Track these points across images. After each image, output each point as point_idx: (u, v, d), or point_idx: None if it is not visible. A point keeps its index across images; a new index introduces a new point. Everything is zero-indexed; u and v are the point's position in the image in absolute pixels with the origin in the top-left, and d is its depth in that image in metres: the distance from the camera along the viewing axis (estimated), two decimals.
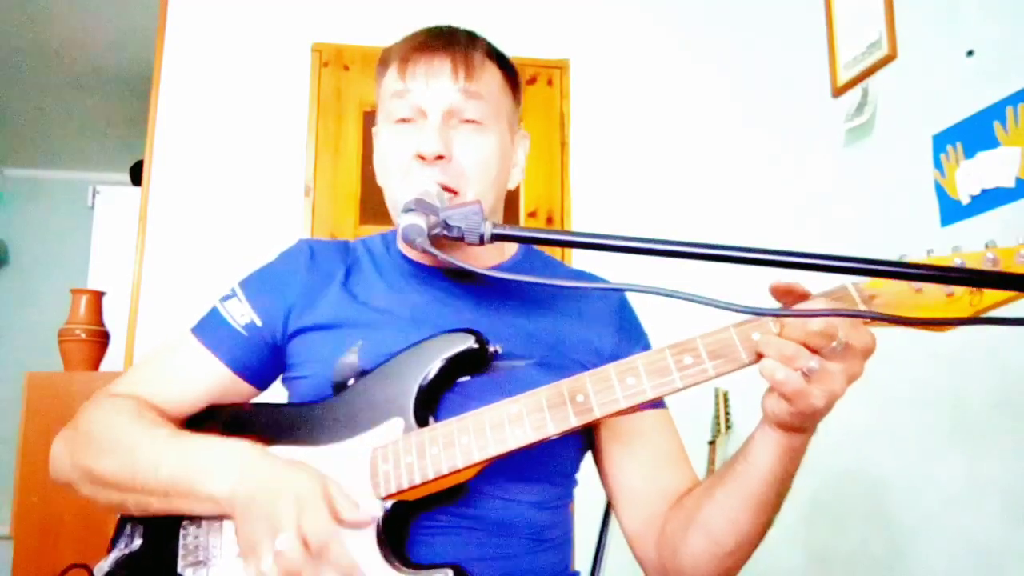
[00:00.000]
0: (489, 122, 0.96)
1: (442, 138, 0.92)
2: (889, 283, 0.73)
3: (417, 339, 0.90)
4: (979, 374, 1.66)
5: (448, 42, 0.97)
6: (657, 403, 0.97)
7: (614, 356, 0.96)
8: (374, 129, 1.03)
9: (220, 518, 0.86)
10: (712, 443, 2.41)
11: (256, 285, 1.02)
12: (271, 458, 0.83)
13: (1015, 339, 1.56)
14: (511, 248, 1.07)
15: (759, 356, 0.73)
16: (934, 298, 0.71)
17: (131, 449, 0.87)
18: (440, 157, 0.92)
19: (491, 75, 0.98)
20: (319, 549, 0.75)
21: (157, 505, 0.85)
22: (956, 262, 0.70)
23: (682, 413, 1.01)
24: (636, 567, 0.97)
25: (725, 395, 2.45)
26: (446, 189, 0.91)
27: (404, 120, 0.96)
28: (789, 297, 0.74)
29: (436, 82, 0.94)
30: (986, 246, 0.69)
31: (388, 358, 0.90)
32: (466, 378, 0.90)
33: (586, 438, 1.00)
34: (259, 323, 0.98)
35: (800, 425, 0.74)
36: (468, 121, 0.95)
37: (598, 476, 1.01)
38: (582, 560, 1.13)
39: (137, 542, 0.90)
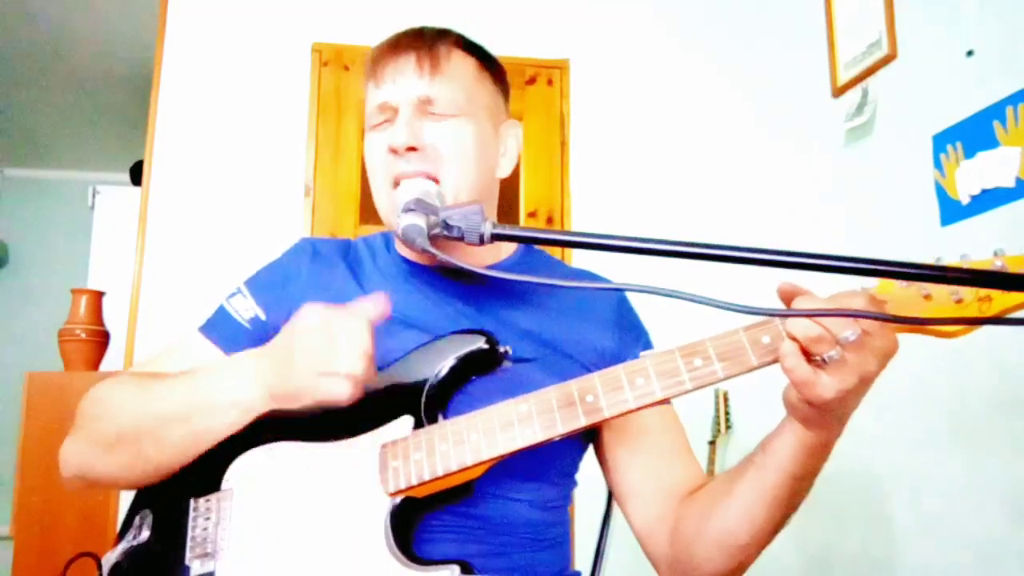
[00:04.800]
0: (462, 111, 0.97)
1: (411, 129, 0.94)
2: (898, 289, 0.73)
3: (419, 339, 0.91)
4: (979, 374, 1.66)
5: (413, 40, 0.99)
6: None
7: (615, 355, 0.97)
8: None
9: (229, 506, 0.87)
10: (712, 443, 2.41)
11: (260, 282, 1.03)
12: (272, 341, 0.85)
13: (1015, 339, 1.56)
14: (510, 247, 1.07)
15: (773, 359, 0.73)
16: (943, 304, 0.71)
17: (141, 392, 0.89)
18: (412, 148, 0.93)
19: (461, 65, 1.00)
20: (368, 353, 0.78)
21: (178, 433, 0.85)
22: None
23: (682, 413, 1.01)
24: (636, 567, 0.97)
25: (725, 395, 2.45)
26: (427, 177, 0.93)
27: (380, 123, 0.98)
28: (794, 300, 0.74)
29: (402, 78, 0.96)
30: (995, 253, 0.69)
31: (397, 358, 0.90)
32: (474, 378, 0.90)
33: (585, 437, 1.00)
34: (264, 318, 0.99)
35: (816, 419, 0.73)
36: (439, 112, 0.96)
37: (602, 474, 1.01)
38: (582, 560, 1.13)
39: (145, 533, 0.90)
